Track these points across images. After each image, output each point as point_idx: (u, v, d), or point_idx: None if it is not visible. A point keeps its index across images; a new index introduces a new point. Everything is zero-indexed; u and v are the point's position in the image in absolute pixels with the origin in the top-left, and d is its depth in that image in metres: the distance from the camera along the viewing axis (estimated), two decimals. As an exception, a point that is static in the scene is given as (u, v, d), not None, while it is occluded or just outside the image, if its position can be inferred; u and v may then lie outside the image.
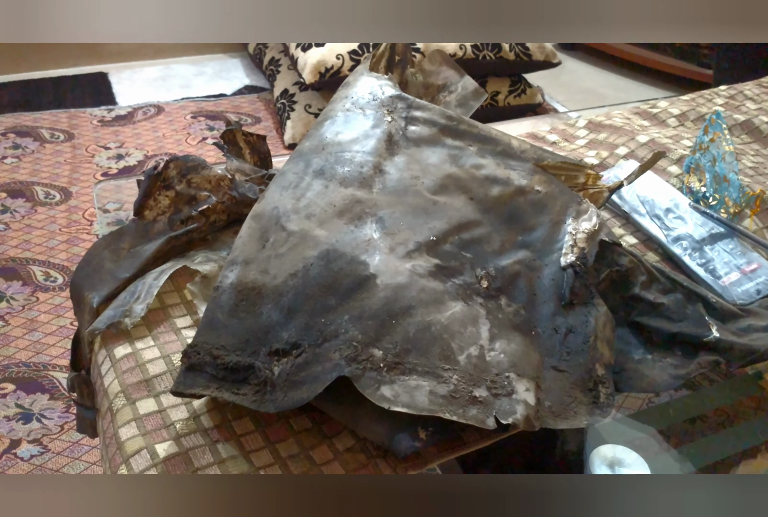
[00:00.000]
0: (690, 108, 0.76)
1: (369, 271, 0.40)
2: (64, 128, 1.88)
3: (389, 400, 0.35)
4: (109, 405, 0.43)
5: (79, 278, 0.49)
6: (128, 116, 1.93)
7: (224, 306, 0.40)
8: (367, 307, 0.38)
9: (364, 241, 0.42)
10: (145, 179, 0.49)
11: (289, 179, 0.45)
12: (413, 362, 0.36)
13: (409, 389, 0.35)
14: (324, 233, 0.42)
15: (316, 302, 0.39)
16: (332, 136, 0.47)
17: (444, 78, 0.58)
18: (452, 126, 0.50)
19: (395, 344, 0.37)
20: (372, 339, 0.37)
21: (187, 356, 0.39)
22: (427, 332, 0.38)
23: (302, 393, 0.36)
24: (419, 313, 0.38)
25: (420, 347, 0.37)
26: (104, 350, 0.46)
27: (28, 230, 1.50)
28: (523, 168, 0.49)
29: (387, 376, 0.36)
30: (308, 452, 0.40)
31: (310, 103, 1.73)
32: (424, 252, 0.42)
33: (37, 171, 1.70)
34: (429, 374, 0.36)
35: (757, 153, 0.71)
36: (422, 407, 0.35)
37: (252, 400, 0.38)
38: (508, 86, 1.85)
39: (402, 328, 0.38)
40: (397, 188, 0.45)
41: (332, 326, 0.38)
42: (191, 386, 0.38)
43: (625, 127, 0.71)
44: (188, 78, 2.15)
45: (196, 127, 1.88)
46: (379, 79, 0.51)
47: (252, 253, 0.42)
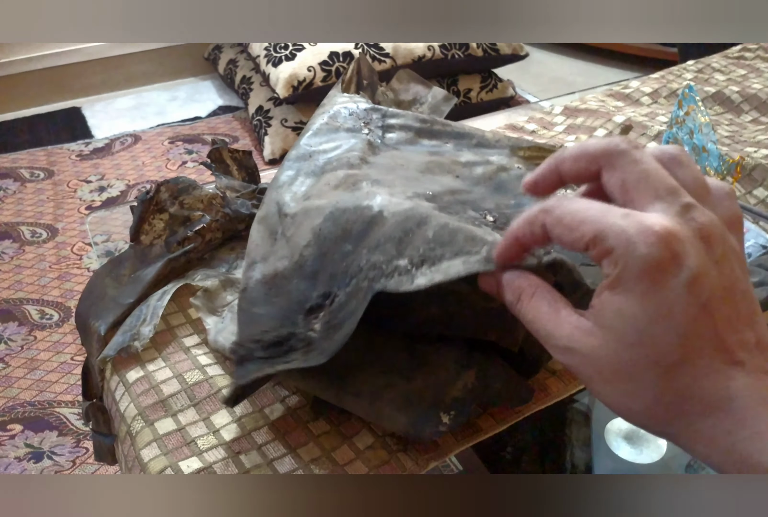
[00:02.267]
0: (661, 85, 0.78)
1: (374, 210, 0.40)
2: (44, 166, 1.88)
3: (425, 284, 0.34)
4: (128, 429, 0.43)
5: (84, 308, 0.49)
6: (106, 148, 1.94)
7: (257, 300, 0.41)
8: (381, 235, 0.38)
9: (364, 194, 0.42)
10: (138, 204, 0.49)
11: (282, 180, 0.46)
12: (440, 253, 0.35)
13: (442, 270, 0.34)
14: (324, 201, 0.42)
15: (334, 254, 0.40)
16: (316, 146, 0.48)
17: (414, 93, 0.60)
18: (426, 128, 0.51)
19: (417, 249, 0.36)
20: (394, 255, 0.36)
21: (234, 353, 0.38)
22: (446, 229, 0.36)
23: (344, 330, 0.36)
24: (433, 220, 0.37)
25: (443, 241, 0.36)
26: (116, 375, 0.46)
27: (18, 270, 1.50)
28: (501, 153, 0.50)
29: (418, 271, 0.35)
30: (330, 454, 0.40)
31: (286, 117, 1.74)
32: (423, 200, 0.42)
33: (21, 211, 1.70)
34: (459, 254, 0.34)
35: (731, 122, 0.72)
36: (456, 273, 0.33)
37: (302, 360, 0.37)
38: (480, 82, 1.87)
39: (419, 236, 0.37)
40: (386, 167, 0.46)
41: (354, 264, 0.38)
42: (245, 376, 0.37)
43: (600, 110, 0.72)
44: (162, 104, 2.15)
45: (174, 152, 1.88)
46: (352, 97, 0.53)
47: (267, 249, 0.43)
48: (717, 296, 0.23)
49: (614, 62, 2.27)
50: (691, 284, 0.23)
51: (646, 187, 0.24)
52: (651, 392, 0.24)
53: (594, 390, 0.25)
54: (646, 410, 0.24)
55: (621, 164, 0.25)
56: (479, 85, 1.86)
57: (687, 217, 0.24)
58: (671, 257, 0.22)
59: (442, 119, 0.52)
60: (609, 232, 0.23)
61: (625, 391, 0.24)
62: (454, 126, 0.52)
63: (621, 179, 0.25)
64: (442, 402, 0.38)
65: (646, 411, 0.24)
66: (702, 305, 0.23)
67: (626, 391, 0.24)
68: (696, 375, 0.23)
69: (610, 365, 0.24)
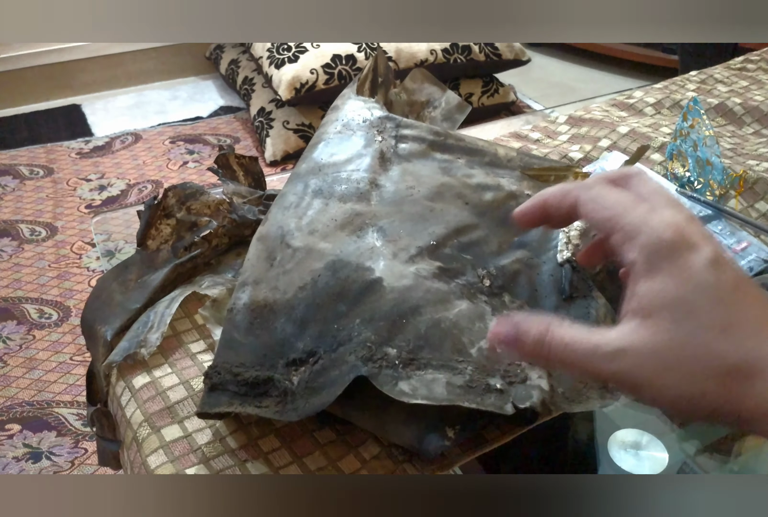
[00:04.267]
0: (664, 96, 0.78)
1: (375, 275, 0.41)
2: (43, 163, 1.87)
3: (408, 394, 0.36)
4: (134, 435, 0.43)
5: (90, 313, 0.49)
6: (106, 146, 1.93)
7: (240, 326, 0.41)
8: (377, 309, 0.39)
9: (368, 249, 0.43)
10: (146, 210, 0.49)
11: (290, 200, 0.46)
12: (427, 357, 0.38)
13: (426, 382, 0.36)
14: (328, 246, 0.43)
15: (327, 311, 0.41)
16: (327, 158, 0.48)
17: (427, 94, 0.60)
18: (440, 141, 0.52)
19: (408, 341, 0.38)
20: (385, 339, 0.38)
21: (209, 377, 0.39)
22: (437, 329, 0.39)
23: (322, 398, 0.37)
24: (428, 311, 0.39)
25: (432, 343, 0.38)
26: (122, 381, 0.46)
27: (17, 269, 1.50)
28: (512, 176, 0.51)
29: (403, 372, 0.37)
30: (336, 464, 0.40)
31: (288, 119, 1.74)
32: (426, 256, 0.44)
33: (20, 209, 1.70)
34: (444, 367, 0.37)
35: (733, 134, 0.73)
36: (441, 397, 0.36)
37: (274, 411, 0.38)
38: (481, 87, 1.87)
39: (413, 326, 0.39)
40: (394, 199, 0.46)
41: (345, 330, 0.39)
42: (215, 405, 0.39)
43: (605, 120, 0.72)
44: (163, 103, 2.15)
45: (175, 151, 1.88)
46: (366, 102, 0.53)
47: (261, 274, 0.43)
48: (740, 273, 0.26)
49: (615, 68, 2.28)
50: (715, 260, 0.25)
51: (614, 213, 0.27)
52: (712, 364, 0.24)
53: (648, 389, 0.25)
54: (702, 391, 0.25)
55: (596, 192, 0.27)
56: (481, 89, 1.86)
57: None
58: (692, 242, 0.25)
59: (456, 133, 0.53)
60: (637, 220, 0.25)
61: (684, 374, 0.25)
62: (468, 141, 0.52)
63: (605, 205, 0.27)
64: (448, 416, 0.38)
65: (702, 391, 0.25)
66: (731, 279, 0.25)
67: (686, 374, 0.25)
68: (745, 338, 0.25)
69: (670, 350, 0.25)
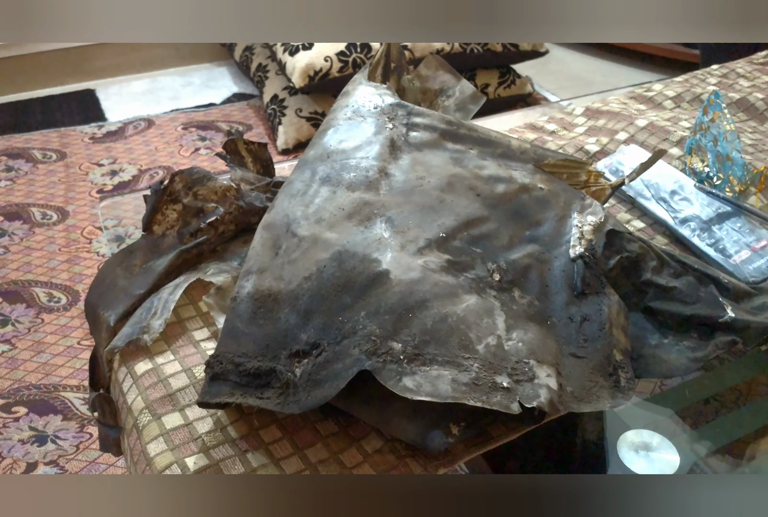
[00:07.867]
0: (685, 89, 0.76)
1: (382, 267, 0.40)
2: (56, 148, 1.87)
3: (412, 390, 0.35)
4: (135, 422, 0.43)
5: (94, 297, 0.48)
6: (119, 132, 1.93)
7: (243, 315, 0.40)
8: (382, 302, 0.39)
9: (375, 240, 0.42)
10: (152, 194, 0.49)
11: (296, 187, 0.45)
12: (433, 352, 0.37)
13: (431, 378, 0.35)
14: (335, 236, 0.42)
15: (332, 302, 0.40)
16: (336, 144, 0.47)
17: (441, 82, 0.58)
18: (452, 130, 0.50)
19: (413, 336, 0.37)
20: (390, 333, 0.37)
21: (210, 366, 0.39)
22: (444, 324, 0.38)
23: (325, 391, 0.36)
24: (435, 306, 0.38)
25: (438, 338, 0.37)
26: (124, 367, 0.46)
27: (27, 252, 1.50)
28: (524, 168, 0.50)
29: (408, 367, 0.36)
30: (338, 456, 0.40)
31: (301, 107, 1.73)
32: (435, 248, 0.43)
33: (32, 192, 1.70)
34: (449, 364, 0.36)
35: (754, 130, 0.71)
36: (445, 395, 0.35)
37: (276, 403, 0.38)
38: (498, 78, 1.85)
39: (419, 320, 0.38)
40: (403, 189, 0.45)
41: (349, 323, 0.38)
42: (216, 395, 0.38)
43: (622, 113, 0.71)
44: (176, 89, 2.14)
45: (188, 138, 1.88)
46: (378, 88, 0.52)
47: (266, 262, 0.42)
48: None
49: (634, 62, 2.25)
50: None
51: None
52: None
53: None
54: None
55: None
56: (497, 80, 1.84)
57: None
58: None
59: (468, 123, 0.51)
60: None
61: None
62: (480, 132, 0.51)
63: None
64: (453, 413, 0.37)
65: None
66: None
67: None
68: None
69: None
